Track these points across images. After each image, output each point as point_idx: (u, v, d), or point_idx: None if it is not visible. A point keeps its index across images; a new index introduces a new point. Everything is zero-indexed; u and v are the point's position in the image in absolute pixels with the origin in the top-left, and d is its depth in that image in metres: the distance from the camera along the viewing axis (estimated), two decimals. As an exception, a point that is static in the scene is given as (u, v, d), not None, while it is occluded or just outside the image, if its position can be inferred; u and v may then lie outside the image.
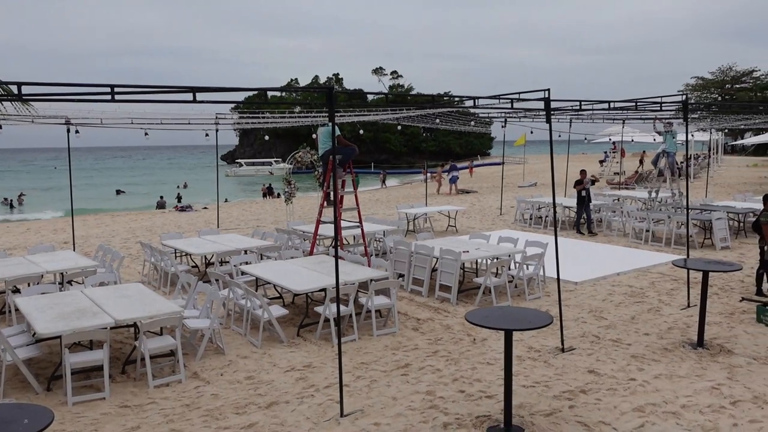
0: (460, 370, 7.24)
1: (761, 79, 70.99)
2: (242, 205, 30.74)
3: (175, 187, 50.10)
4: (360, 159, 63.62)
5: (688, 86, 74.34)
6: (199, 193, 45.35)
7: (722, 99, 69.57)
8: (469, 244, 11.74)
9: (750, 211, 16.36)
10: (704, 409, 6.10)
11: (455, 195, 31.26)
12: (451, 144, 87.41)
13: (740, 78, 72.13)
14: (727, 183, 33.27)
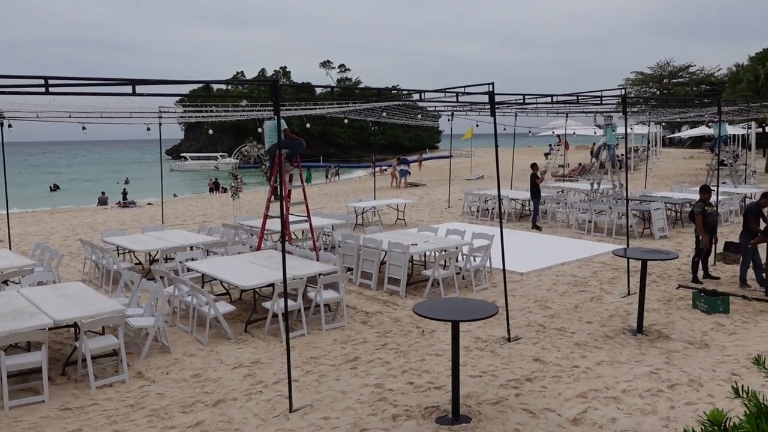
0: (409, 362, 7.29)
1: (696, 74, 73.69)
2: (188, 201, 30.16)
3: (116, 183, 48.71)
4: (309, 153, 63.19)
5: (628, 81, 76.52)
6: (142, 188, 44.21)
7: (660, 93, 71.94)
8: (417, 237, 11.83)
9: (686, 201, 16.97)
10: (643, 393, 6.31)
11: (405, 188, 31.41)
12: (400, 137, 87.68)
13: (677, 73, 74.67)
14: (665, 174, 34.44)
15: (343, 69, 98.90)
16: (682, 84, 73.10)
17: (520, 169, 29.51)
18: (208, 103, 18.37)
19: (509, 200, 18.94)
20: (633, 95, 63.74)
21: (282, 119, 11.27)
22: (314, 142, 75.01)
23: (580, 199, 18.30)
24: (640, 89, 74.20)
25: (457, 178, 34.57)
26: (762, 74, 35.65)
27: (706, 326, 8.37)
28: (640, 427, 5.55)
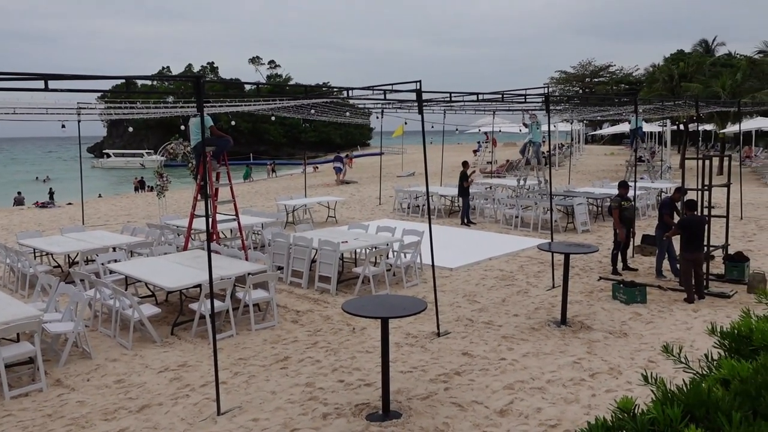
0: (340, 360, 7.28)
1: (616, 74, 76.74)
2: (112, 200, 29.08)
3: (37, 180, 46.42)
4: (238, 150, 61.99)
5: (552, 79, 78.88)
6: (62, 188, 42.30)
7: (583, 92, 74.50)
8: (348, 234, 11.82)
9: (607, 196, 17.64)
10: (567, 382, 6.53)
11: (338, 185, 31.33)
12: (332, 134, 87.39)
13: (598, 72, 77.53)
14: (588, 170, 35.70)
15: (273, 65, 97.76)
16: (603, 83, 75.92)
17: (451, 166, 29.95)
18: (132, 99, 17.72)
19: (439, 197, 19.19)
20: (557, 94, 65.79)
21: (208, 116, 11.03)
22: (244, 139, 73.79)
23: (507, 195, 18.73)
24: (564, 88, 76.63)
25: (389, 175, 34.76)
26: (675, 74, 37.43)
27: (625, 316, 8.73)
28: (563, 416, 5.74)
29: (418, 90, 8.21)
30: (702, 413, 1.96)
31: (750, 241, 13.61)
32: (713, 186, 10.68)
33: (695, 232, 9.45)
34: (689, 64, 40.51)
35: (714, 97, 29.58)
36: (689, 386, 2.12)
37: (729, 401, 2.01)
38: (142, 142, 75.52)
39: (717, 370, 2.36)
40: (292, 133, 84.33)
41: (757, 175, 29.08)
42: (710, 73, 39.61)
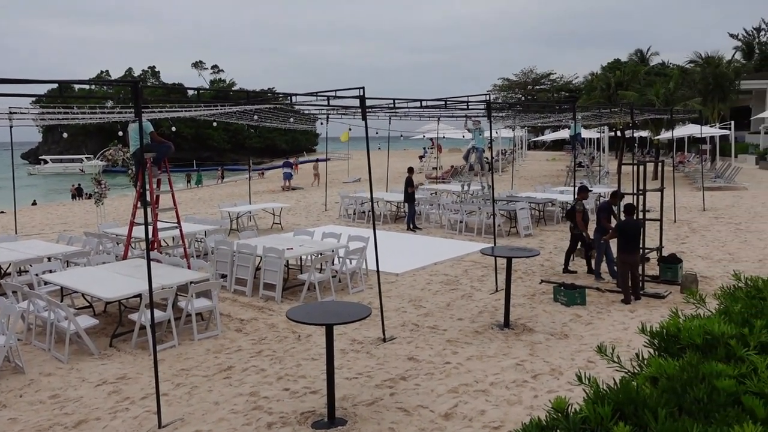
0: (285, 368, 7.22)
1: (557, 81, 78.80)
2: (47, 208, 28.03)
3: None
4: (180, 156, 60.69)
5: (495, 86, 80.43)
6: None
7: (525, 98, 76.15)
8: (293, 241, 11.74)
9: (548, 201, 18.09)
10: (510, 384, 6.64)
11: (284, 191, 31.07)
12: (277, 140, 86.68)
13: (540, 80, 79.46)
14: (530, 176, 36.47)
15: (217, 70, 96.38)
16: (545, 90, 77.87)
17: (397, 172, 30.14)
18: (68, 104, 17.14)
19: (385, 202, 19.27)
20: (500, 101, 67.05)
21: (148, 122, 10.79)
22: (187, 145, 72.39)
23: (452, 201, 18.95)
24: (507, 95, 78.20)
25: (335, 181, 34.69)
26: (612, 83, 38.68)
27: (566, 318, 8.95)
28: (506, 417, 5.83)
29: (361, 96, 8.24)
30: (631, 411, 2.03)
31: (683, 243, 14.16)
32: (647, 190, 11.07)
33: (632, 236, 9.77)
34: (625, 72, 41.92)
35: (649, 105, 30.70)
36: (619, 385, 2.19)
37: (656, 398, 2.09)
38: (81, 147, 73.21)
39: (647, 368, 2.45)
40: (236, 138, 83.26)
41: (690, 180, 30.30)
42: (645, 81, 41.09)
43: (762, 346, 2.54)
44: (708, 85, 35.82)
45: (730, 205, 20.82)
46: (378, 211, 18.97)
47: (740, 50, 69.16)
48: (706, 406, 2.04)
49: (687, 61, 45.35)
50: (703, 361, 2.36)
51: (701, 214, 18.81)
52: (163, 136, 11.28)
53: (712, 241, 14.48)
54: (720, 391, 2.08)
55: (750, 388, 2.14)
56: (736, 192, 24.72)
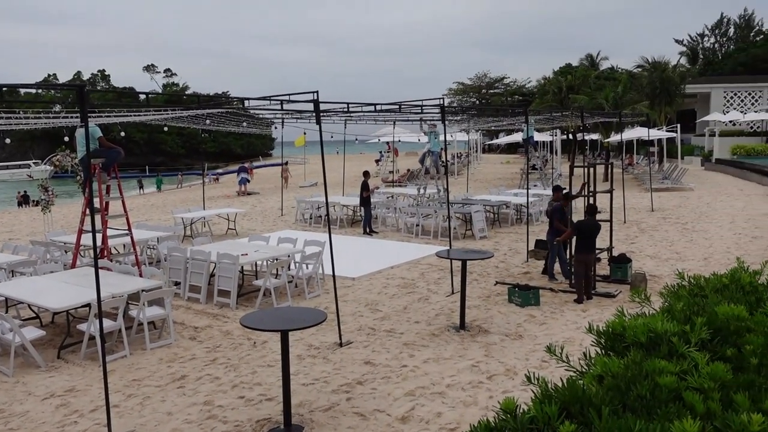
0: (240, 376, 7.12)
1: (510, 85, 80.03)
2: (-9, 216, 27.06)
3: None
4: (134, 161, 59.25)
5: (450, 90, 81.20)
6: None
7: (479, 102, 77.13)
8: (248, 246, 11.61)
9: (503, 203, 18.34)
10: (465, 385, 6.70)
11: (240, 197, 30.71)
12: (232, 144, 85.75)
13: (494, 84, 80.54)
14: (485, 179, 36.92)
15: (170, 74, 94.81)
16: (498, 94, 78.99)
17: (353, 176, 30.11)
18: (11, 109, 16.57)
19: (341, 206, 19.23)
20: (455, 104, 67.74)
21: (97, 127, 10.53)
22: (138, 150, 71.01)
23: (408, 204, 19.03)
24: (462, 99, 79.05)
25: (291, 186, 34.50)
26: (564, 87, 39.53)
27: (520, 319, 9.08)
28: (462, 419, 5.87)
29: (315, 100, 8.21)
30: (577, 409, 2.07)
31: (632, 243, 14.53)
32: (598, 192, 11.34)
33: (589, 235, 9.99)
34: (576, 77, 42.94)
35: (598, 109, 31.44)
36: (566, 384, 2.23)
37: (601, 396, 2.13)
38: (28, 153, 70.96)
39: (593, 367, 2.50)
40: (190, 143, 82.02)
41: (639, 181, 31.11)
42: (595, 85, 42.12)
43: (703, 343, 2.62)
44: (655, 89, 36.92)
45: (677, 205, 21.46)
46: (334, 216, 18.93)
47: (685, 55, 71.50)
48: (648, 402, 2.10)
49: (635, 66, 46.65)
50: (647, 358, 2.42)
51: (650, 214, 19.35)
52: (112, 141, 11.02)
53: (660, 240, 14.90)
54: (662, 387, 2.14)
55: (691, 384, 2.21)
56: (683, 193, 25.51)
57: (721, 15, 78.22)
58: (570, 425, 1.88)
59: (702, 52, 76.49)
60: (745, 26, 75.30)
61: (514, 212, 18.82)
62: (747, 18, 75.56)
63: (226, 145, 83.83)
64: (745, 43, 70.86)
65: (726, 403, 2.09)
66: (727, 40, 76.35)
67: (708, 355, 2.42)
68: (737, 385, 2.20)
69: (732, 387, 2.18)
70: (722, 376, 2.19)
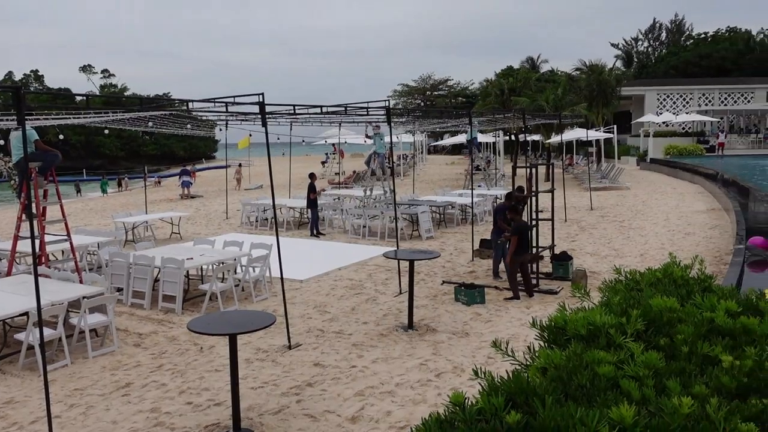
0: (187, 382, 7.02)
1: (454, 87, 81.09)
2: None
3: None
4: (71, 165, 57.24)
5: (395, 92, 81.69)
6: None
7: (424, 104, 77.85)
8: (193, 250, 11.44)
9: (448, 204, 18.60)
10: (414, 384, 6.79)
11: (183, 200, 30.12)
12: (174, 147, 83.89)
13: (438, 86, 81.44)
14: (431, 179, 37.31)
15: (108, 74, 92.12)
16: (443, 96, 79.92)
17: (299, 177, 29.96)
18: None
19: (288, 209, 19.13)
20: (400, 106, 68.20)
21: (33, 129, 10.18)
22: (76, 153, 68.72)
23: (355, 206, 19.08)
24: (407, 100, 79.63)
25: (237, 188, 34.04)
26: (506, 89, 40.33)
27: (467, 317, 9.25)
28: (411, 417, 5.95)
29: (260, 102, 8.18)
30: (522, 400, 2.16)
31: (573, 241, 14.97)
32: (540, 192, 11.64)
33: (526, 236, 10.25)
34: (518, 79, 43.86)
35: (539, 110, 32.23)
36: (512, 376, 2.32)
37: (545, 387, 2.23)
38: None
39: (537, 360, 2.61)
40: (130, 145, 79.95)
41: (579, 181, 31.99)
42: (536, 87, 43.15)
43: (638, 334, 2.76)
44: (593, 92, 38.08)
45: (614, 204, 22.21)
46: (281, 218, 18.81)
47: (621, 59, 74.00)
48: (588, 391, 2.21)
49: (573, 69, 47.97)
50: (587, 350, 2.54)
51: (589, 213, 19.96)
52: (49, 144, 10.68)
53: (599, 238, 15.40)
54: (601, 376, 2.25)
55: (627, 373, 2.33)
56: (620, 192, 26.40)
57: (653, 20, 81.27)
58: (516, 414, 1.97)
59: (636, 56, 79.32)
60: (677, 31, 78.48)
61: (460, 212, 19.10)
62: (678, 23, 78.76)
63: (168, 147, 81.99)
64: (676, 47, 73.85)
65: (660, 389, 2.21)
66: (660, 44, 79.42)
67: (643, 345, 2.56)
68: (670, 372, 2.34)
69: (665, 374, 2.31)
70: (656, 364, 2.32)
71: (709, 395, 2.10)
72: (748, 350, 2.52)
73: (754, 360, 2.34)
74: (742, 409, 2.01)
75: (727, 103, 54.39)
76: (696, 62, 65.14)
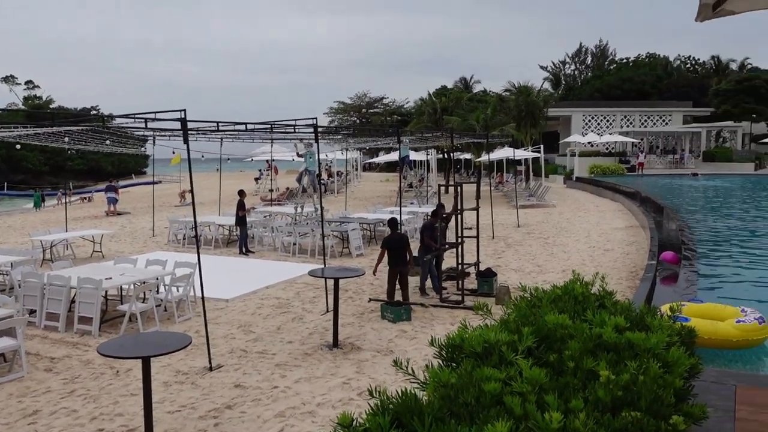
0: (100, 407, 6.77)
1: (389, 105, 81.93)
2: None
3: None
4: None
5: (331, 109, 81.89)
6: None
7: (360, 121, 78.29)
8: (113, 269, 11.09)
9: (379, 221, 18.70)
10: (336, 403, 6.76)
11: (108, 217, 29.12)
12: (102, 162, 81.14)
13: (373, 103, 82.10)
14: (364, 197, 37.44)
15: (32, 86, 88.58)
16: (378, 114, 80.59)
17: (231, 194, 29.50)
18: None
19: (217, 226, 18.80)
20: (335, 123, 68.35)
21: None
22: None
23: (286, 223, 18.94)
24: (342, 117, 79.91)
25: (165, 205, 33.19)
26: (439, 108, 41.04)
27: (392, 334, 9.30)
28: (331, 437, 5.92)
29: (182, 119, 8.05)
30: (408, 419, 2.20)
31: (499, 258, 15.31)
32: (465, 209, 11.88)
33: (396, 248, 10.71)
34: (450, 98, 44.72)
35: (470, 130, 32.93)
36: (401, 395, 2.36)
37: (432, 405, 2.28)
38: None
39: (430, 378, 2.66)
40: (55, 160, 76.81)
41: (508, 199, 32.78)
42: (468, 107, 44.09)
43: (530, 350, 2.86)
44: (521, 112, 39.18)
45: (540, 221, 22.86)
46: (210, 235, 18.47)
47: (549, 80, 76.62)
48: (473, 408, 2.27)
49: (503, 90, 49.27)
50: (478, 367, 2.61)
51: (516, 230, 20.47)
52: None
53: (524, 255, 15.80)
54: (486, 393, 2.32)
55: (514, 389, 2.41)
56: (546, 209, 27.21)
57: (580, 44, 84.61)
58: (397, 434, 2.01)
59: (564, 78, 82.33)
60: (601, 55, 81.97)
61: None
62: (602, 48, 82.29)
63: (95, 162, 79.23)
64: (600, 71, 77.10)
65: (542, 405, 2.30)
66: (586, 67, 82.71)
67: (532, 361, 2.65)
68: (553, 388, 2.43)
69: (549, 390, 2.40)
70: (540, 380, 2.41)
71: (584, 409, 2.19)
72: (629, 364, 2.65)
73: (631, 374, 2.46)
74: (612, 423, 2.11)
75: (646, 125, 57.10)
76: (619, 85, 68.19)
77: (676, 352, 2.79)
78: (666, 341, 2.88)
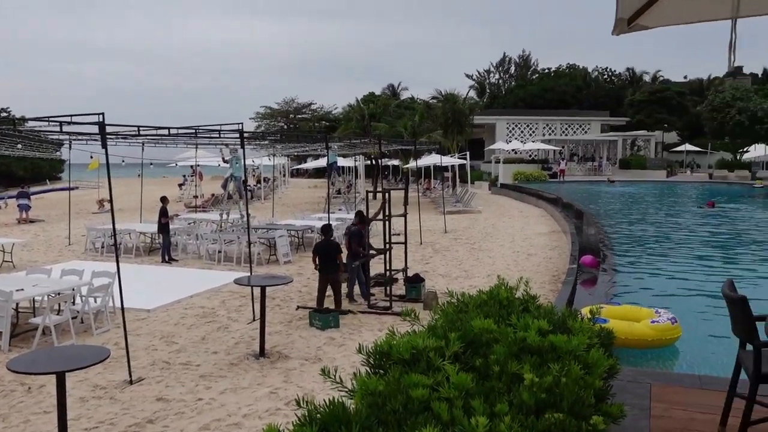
0: (10, 427, 6.39)
1: (318, 111, 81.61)
2: None
3: None
4: None
5: (258, 114, 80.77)
6: None
7: (287, 127, 77.57)
8: (25, 280, 10.51)
9: (307, 228, 18.56)
10: (263, 414, 6.64)
11: (20, 224, 27.61)
12: (13, 166, 76.84)
13: (301, 109, 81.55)
14: (292, 203, 37.08)
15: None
16: (306, 119, 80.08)
17: (153, 201, 28.58)
18: None
19: (138, 234, 18.16)
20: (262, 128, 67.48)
21: None
22: None
23: (211, 230, 18.51)
24: (269, 123, 78.97)
25: (82, 212, 31.79)
26: (366, 114, 41.21)
27: (321, 342, 9.22)
28: (258, 448, 5.81)
29: (101, 123, 7.74)
30: (336, 429, 2.17)
31: (427, 263, 15.47)
32: (393, 216, 11.95)
33: (325, 255, 10.77)
34: (378, 105, 45.02)
35: (398, 136, 33.22)
36: (329, 405, 2.33)
37: (361, 414, 2.26)
38: None
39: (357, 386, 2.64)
40: (-40, 165, 72.34)
41: (435, 204, 33.23)
42: (395, 114, 44.48)
43: (457, 356, 2.88)
44: (448, 119, 39.90)
45: (467, 227, 23.28)
46: (131, 243, 17.81)
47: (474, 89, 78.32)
48: (401, 415, 2.26)
49: (430, 97, 50.03)
50: (406, 373, 2.61)
51: (443, 235, 20.76)
52: None
53: (452, 260, 16.04)
54: (414, 400, 2.32)
55: (442, 395, 2.42)
56: (472, 215, 27.74)
57: (503, 54, 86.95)
58: (324, 445, 1.97)
59: (488, 87, 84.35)
60: (524, 65, 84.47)
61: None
62: (525, 58, 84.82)
63: (5, 166, 75.03)
64: (523, 81, 79.46)
65: (468, 409, 2.32)
66: (510, 77, 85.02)
67: (459, 366, 2.67)
68: (479, 392, 2.46)
69: (475, 394, 2.43)
70: (466, 385, 2.43)
71: (509, 413, 2.23)
72: (552, 367, 2.71)
73: (554, 376, 2.52)
74: (536, 425, 2.16)
75: (567, 133, 59.27)
76: (541, 95, 70.54)
77: (595, 354, 2.88)
78: (587, 343, 2.97)
